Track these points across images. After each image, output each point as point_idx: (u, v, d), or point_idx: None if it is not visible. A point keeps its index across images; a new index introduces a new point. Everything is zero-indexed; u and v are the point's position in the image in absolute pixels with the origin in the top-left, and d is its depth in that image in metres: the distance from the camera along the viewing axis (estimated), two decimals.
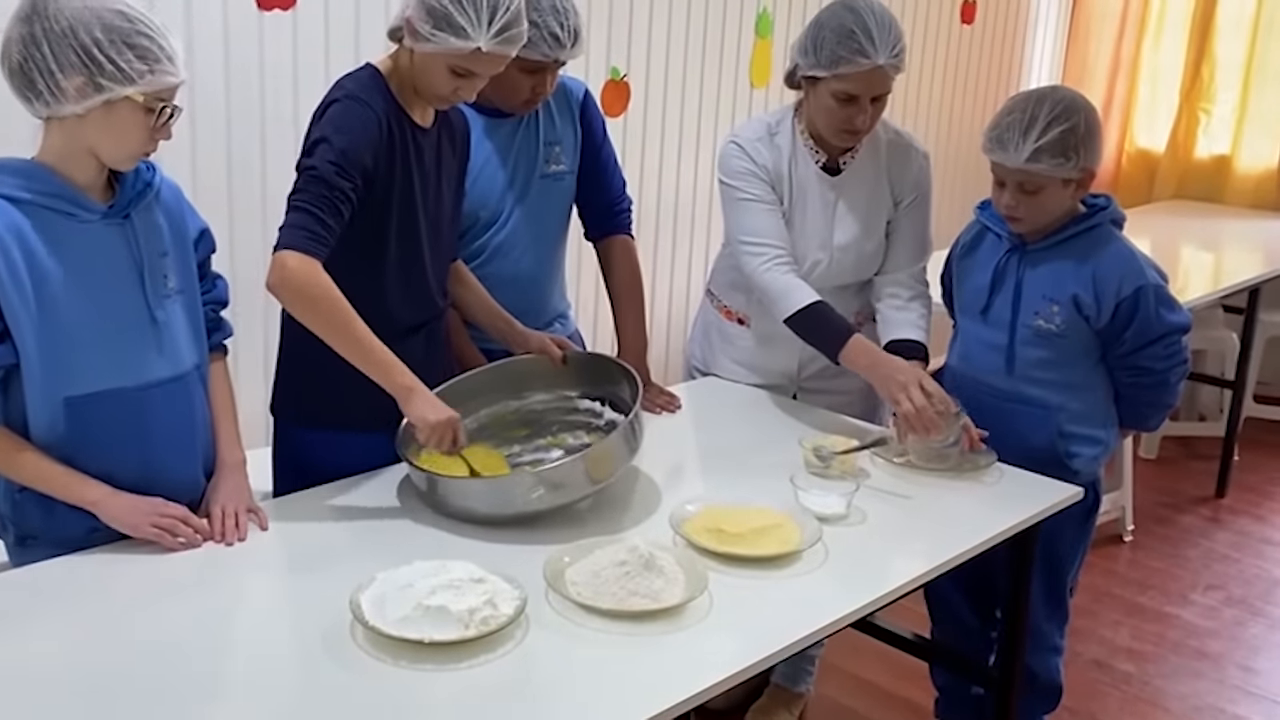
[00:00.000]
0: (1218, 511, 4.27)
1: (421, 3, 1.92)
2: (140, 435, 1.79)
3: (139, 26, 1.64)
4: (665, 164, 3.91)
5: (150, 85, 1.66)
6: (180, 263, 1.84)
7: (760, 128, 2.53)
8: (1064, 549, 2.46)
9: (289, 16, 2.98)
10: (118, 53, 1.62)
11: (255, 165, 3.00)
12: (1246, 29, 5.15)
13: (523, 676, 1.56)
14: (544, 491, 1.91)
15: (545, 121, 2.43)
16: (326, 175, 1.90)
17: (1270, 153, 5.17)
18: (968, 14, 5.11)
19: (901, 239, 2.54)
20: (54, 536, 1.78)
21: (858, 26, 2.31)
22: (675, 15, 3.92)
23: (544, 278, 2.51)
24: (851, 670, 3.07)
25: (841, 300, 2.54)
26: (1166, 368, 2.36)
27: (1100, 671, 3.19)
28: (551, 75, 2.30)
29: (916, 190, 2.54)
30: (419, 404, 1.92)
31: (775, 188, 2.48)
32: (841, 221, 2.50)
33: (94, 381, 1.74)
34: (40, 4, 1.63)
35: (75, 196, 1.71)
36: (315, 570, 1.80)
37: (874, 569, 1.92)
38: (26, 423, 1.74)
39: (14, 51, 1.64)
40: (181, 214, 1.87)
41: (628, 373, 2.19)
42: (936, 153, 5.12)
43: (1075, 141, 2.24)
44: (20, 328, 1.68)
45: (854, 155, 2.50)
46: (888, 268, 2.54)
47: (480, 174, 2.36)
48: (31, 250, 1.66)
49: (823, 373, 2.58)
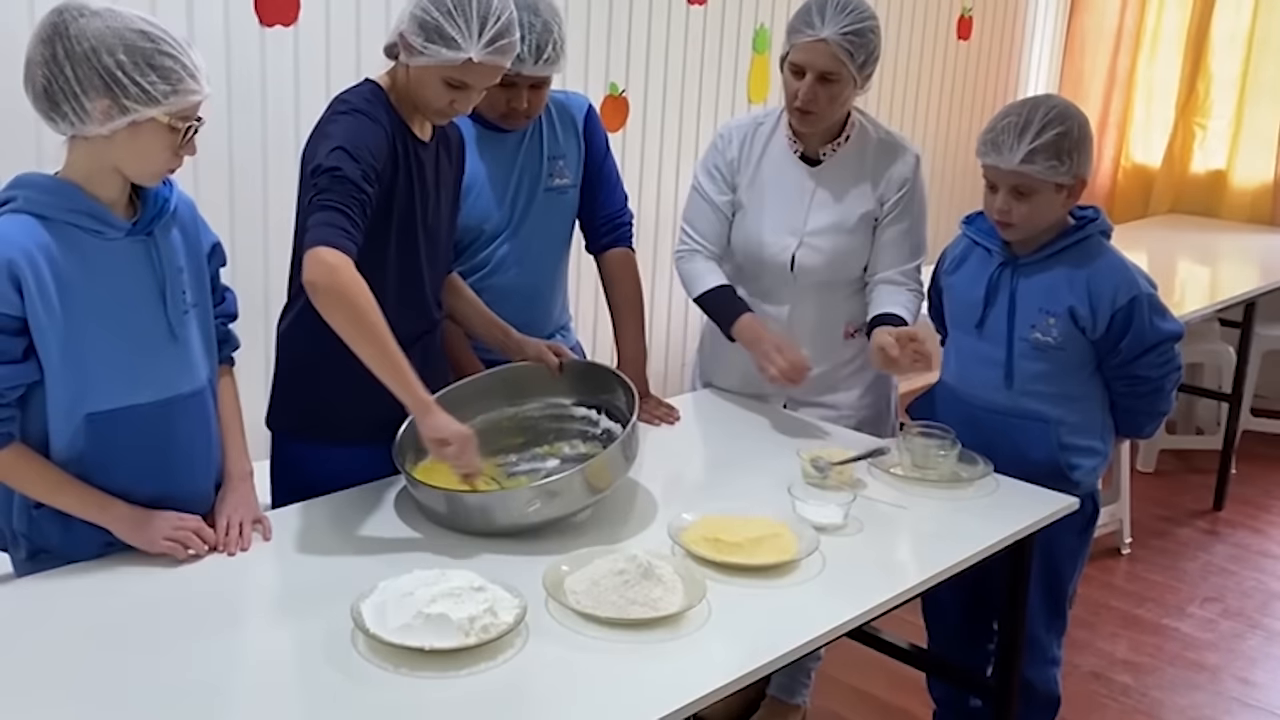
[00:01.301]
0: (1215, 524, 4.28)
1: (414, 17, 1.95)
2: (160, 450, 1.80)
3: (161, 46, 1.65)
4: (664, 178, 3.94)
5: (174, 105, 1.67)
6: (195, 277, 1.86)
7: (749, 118, 2.62)
8: (1063, 559, 2.47)
9: (290, 32, 3.01)
10: (141, 75, 1.63)
11: (256, 178, 3.02)
12: (1241, 45, 5.19)
13: (522, 684, 1.57)
14: (540, 505, 1.93)
15: (549, 136, 2.46)
16: (353, 177, 1.89)
17: (1266, 167, 5.20)
18: (964, 30, 5.15)
19: (893, 239, 2.54)
20: (69, 552, 1.78)
21: (814, 3, 2.39)
22: (674, 31, 3.95)
23: (547, 291, 2.53)
24: (849, 682, 3.08)
25: (828, 305, 2.56)
26: (1162, 375, 2.38)
27: (1098, 683, 3.20)
28: (529, 92, 2.31)
29: (903, 188, 2.52)
30: (435, 420, 1.92)
31: (732, 178, 2.57)
32: (817, 211, 2.52)
33: (116, 398, 1.74)
34: (61, 25, 1.63)
35: (101, 214, 1.71)
36: (317, 579, 1.81)
37: (871, 578, 1.93)
38: (46, 438, 1.74)
39: (38, 74, 1.64)
40: (196, 229, 1.88)
41: (624, 383, 2.21)
42: (932, 167, 5.18)
43: (1069, 145, 2.26)
44: (46, 345, 1.68)
45: (836, 148, 2.52)
46: (880, 267, 2.54)
47: (483, 187, 2.38)
48: (59, 268, 1.67)
49: (812, 388, 2.59)
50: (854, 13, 2.36)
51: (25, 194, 1.68)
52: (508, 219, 2.42)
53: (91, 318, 1.70)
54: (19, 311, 1.65)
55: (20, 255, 1.64)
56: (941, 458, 2.28)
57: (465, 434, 1.92)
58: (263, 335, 2.74)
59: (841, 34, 2.35)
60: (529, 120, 2.39)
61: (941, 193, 5.26)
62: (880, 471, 2.30)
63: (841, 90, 2.41)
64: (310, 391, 2.13)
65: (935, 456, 2.28)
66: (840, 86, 2.40)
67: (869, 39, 2.38)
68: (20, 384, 1.70)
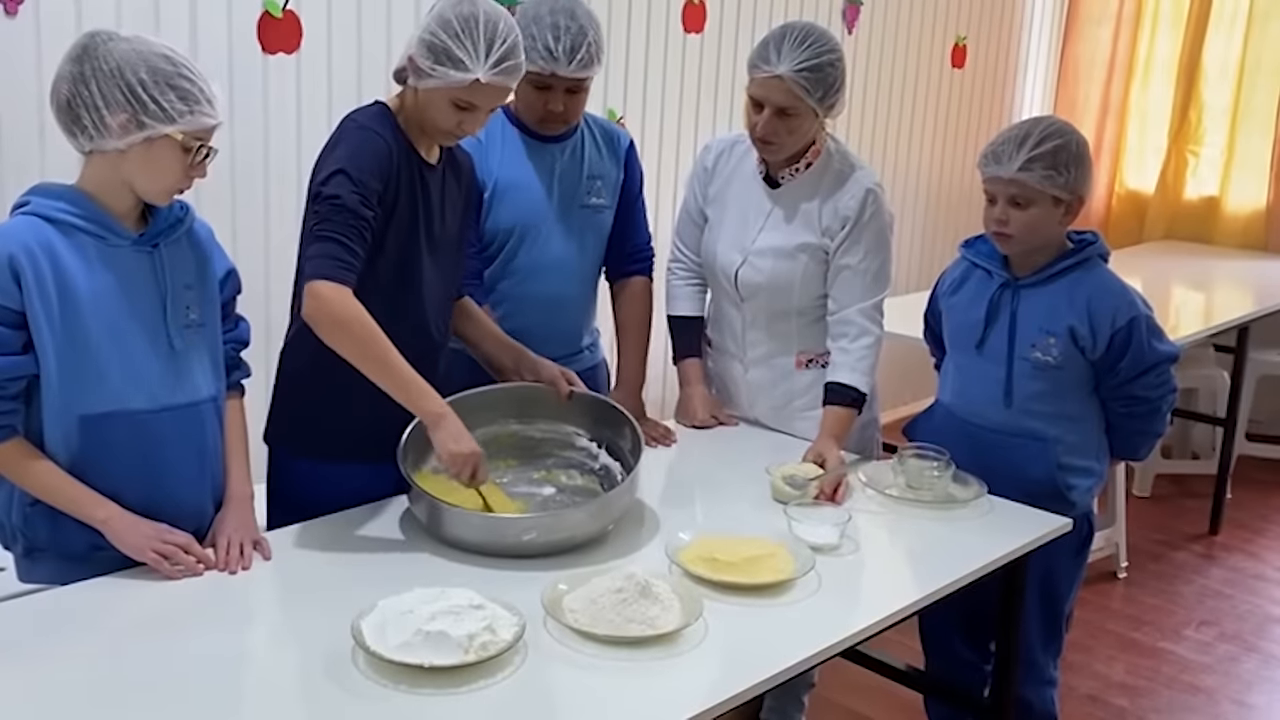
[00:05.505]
0: (1211, 548, 4.29)
1: (422, 41, 2.00)
2: (149, 458, 1.84)
3: (181, 70, 1.74)
4: (661, 204, 3.96)
5: (189, 125, 1.75)
6: (204, 298, 1.91)
7: (733, 135, 2.67)
8: (1059, 580, 2.48)
9: (292, 60, 3.05)
10: (160, 93, 1.72)
11: (258, 204, 3.05)
12: (1232, 74, 5.24)
13: (521, 701, 1.58)
14: (537, 535, 1.96)
15: (590, 155, 2.53)
16: (351, 204, 1.95)
17: (1258, 194, 5.24)
18: (958, 58, 5.20)
19: (850, 274, 2.48)
20: (59, 550, 1.82)
21: (773, 38, 2.39)
22: (670, 58, 3.99)
23: (581, 301, 2.60)
24: (846, 705, 3.08)
25: (779, 332, 2.58)
26: (1159, 396, 2.40)
27: (1095, 706, 3.20)
28: (565, 96, 2.37)
29: (847, 223, 2.46)
30: (446, 432, 1.97)
31: (704, 189, 2.64)
32: (768, 231, 2.54)
33: (109, 401, 1.79)
34: (92, 46, 1.72)
35: (108, 222, 1.78)
36: (317, 597, 1.83)
37: (867, 597, 1.94)
38: (43, 437, 1.79)
39: (63, 88, 1.73)
40: (211, 254, 1.94)
41: (633, 426, 2.24)
42: (927, 194, 5.23)
43: (1067, 158, 2.30)
44: (43, 341, 1.74)
45: (795, 173, 2.52)
46: (841, 302, 2.50)
47: (521, 191, 2.45)
48: (61, 267, 1.73)
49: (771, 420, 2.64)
50: (812, 47, 2.34)
51: (38, 199, 1.77)
52: (541, 225, 2.47)
53: (89, 318, 1.75)
54: (18, 305, 1.72)
55: (21, 250, 1.71)
56: (936, 479, 2.30)
57: (475, 451, 1.97)
58: (264, 359, 2.76)
59: (796, 70, 2.34)
60: (566, 125, 2.46)
61: (937, 218, 5.30)
62: (875, 492, 2.32)
63: (801, 123, 2.41)
64: (309, 408, 2.16)
65: (929, 477, 2.30)
66: (799, 120, 2.40)
67: (827, 73, 2.36)
68: (19, 376, 1.75)
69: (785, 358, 2.60)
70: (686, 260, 2.70)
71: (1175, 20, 5.37)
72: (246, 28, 2.95)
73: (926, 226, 5.27)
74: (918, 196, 5.19)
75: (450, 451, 1.96)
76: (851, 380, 2.46)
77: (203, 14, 2.86)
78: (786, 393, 2.62)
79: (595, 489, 2.24)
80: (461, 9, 1.98)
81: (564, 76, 2.33)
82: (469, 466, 1.97)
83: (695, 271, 2.70)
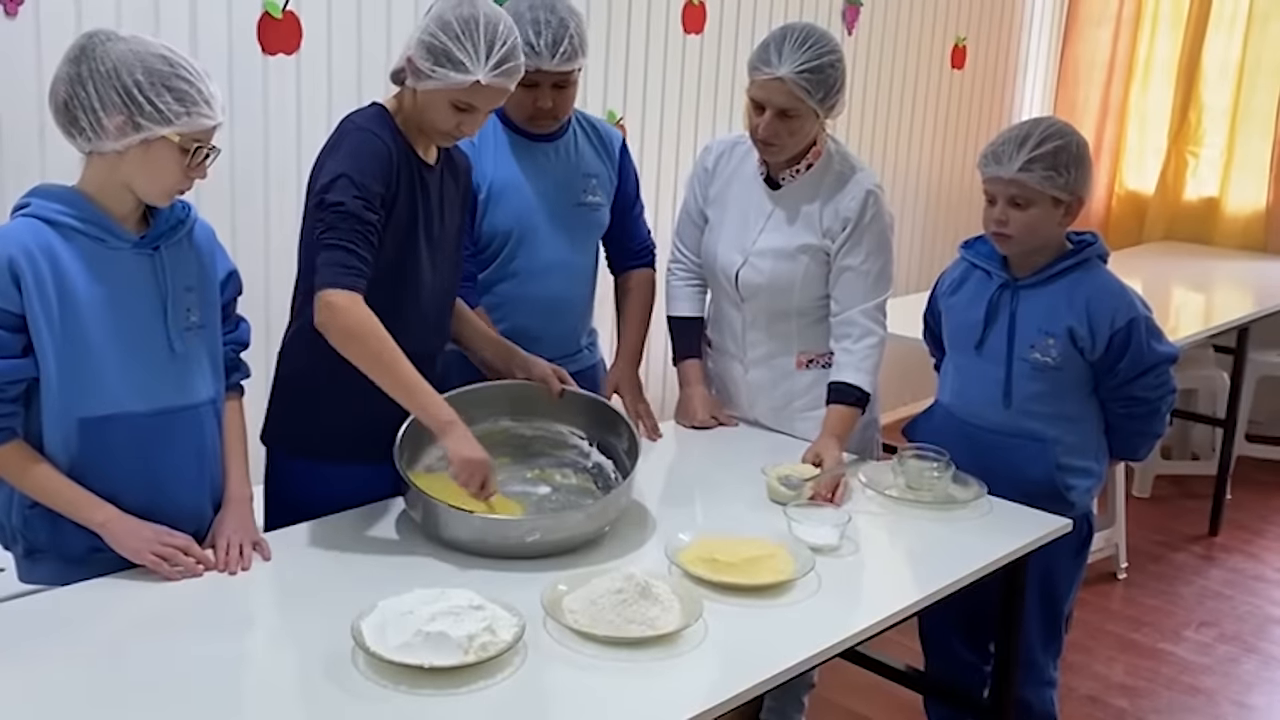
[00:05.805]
0: (1211, 549, 4.29)
1: (421, 42, 1.99)
2: (149, 461, 1.83)
3: (179, 70, 1.73)
4: (661, 204, 3.97)
5: (186, 126, 1.74)
6: (205, 300, 1.91)
7: (733, 135, 2.67)
8: (1059, 580, 2.48)
9: (292, 60, 3.05)
10: (156, 95, 1.71)
11: (258, 205, 3.05)
12: (1232, 75, 5.24)
13: (520, 701, 1.58)
14: (539, 537, 1.96)
15: (583, 153, 2.54)
16: (356, 210, 1.96)
17: (1258, 195, 5.24)
18: (958, 59, 5.20)
19: (851, 275, 2.49)
20: (59, 552, 1.82)
21: (773, 39, 2.39)
22: (670, 59, 4.00)
23: (579, 302, 2.61)
24: (846, 705, 3.08)
25: (779, 332, 2.58)
26: (1158, 397, 2.41)
27: (1094, 707, 3.20)
28: (553, 92, 2.37)
29: (848, 225, 2.46)
30: (456, 440, 1.96)
31: (705, 189, 2.64)
32: (769, 232, 2.54)
33: (108, 404, 1.79)
34: (89, 47, 1.72)
35: (109, 224, 1.78)
36: (317, 599, 1.83)
37: (867, 597, 1.94)
38: (42, 440, 1.78)
39: (61, 90, 1.73)
40: (212, 255, 1.94)
41: (629, 427, 2.25)
42: (927, 194, 5.23)
43: (1066, 159, 2.30)
44: (42, 344, 1.73)
45: (796, 174, 2.52)
46: (843, 304, 2.50)
47: (514, 192, 2.44)
48: (61, 270, 1.73)
49: (771, 420, 2.64)
50: (813, 48, 2.35)
51: (38, 201, 1.76)
52: (535, 226, 2.47)
53: (89, 321, 1.75)
54: (18, 308, 1.71)
55: (20, 253, 1.70)
56: (935, 479, 2.30)
57: (484, 459, 1.97)
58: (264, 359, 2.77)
59: (797, 72, 2.34)
60: (556, 122, 2.46)
61: (937, 219, 5.30)
62: (874, 493, 2.32)
63: (802, 124, 2.41)
64: (307, 409, 2.16)
65: (929, 478, 2.30)
66: (800, 121, 2.41)
67: (828, 74, 2.36)
68: (18, 379, 1.74)
69: (785, 358, 2.60)
70: (686, 261, 2.71)
71: (1175, 21, 5.37)
72: (246, 28, 2.95)
73: (926, 227, 5.27)
74: (918, 197, 5.20)
75: (463, 457, 1.96)
76: (855, 380, 2.46)
77: (202, 14, 2.86)
78: (787, 393, 2.62)
79: (590, 488, 2.24)
80: (461, 10, 1.98)
81: (549, 71, 2.32)
82: (480, 474, 1.97)
83: (695, 272, 2.70)
